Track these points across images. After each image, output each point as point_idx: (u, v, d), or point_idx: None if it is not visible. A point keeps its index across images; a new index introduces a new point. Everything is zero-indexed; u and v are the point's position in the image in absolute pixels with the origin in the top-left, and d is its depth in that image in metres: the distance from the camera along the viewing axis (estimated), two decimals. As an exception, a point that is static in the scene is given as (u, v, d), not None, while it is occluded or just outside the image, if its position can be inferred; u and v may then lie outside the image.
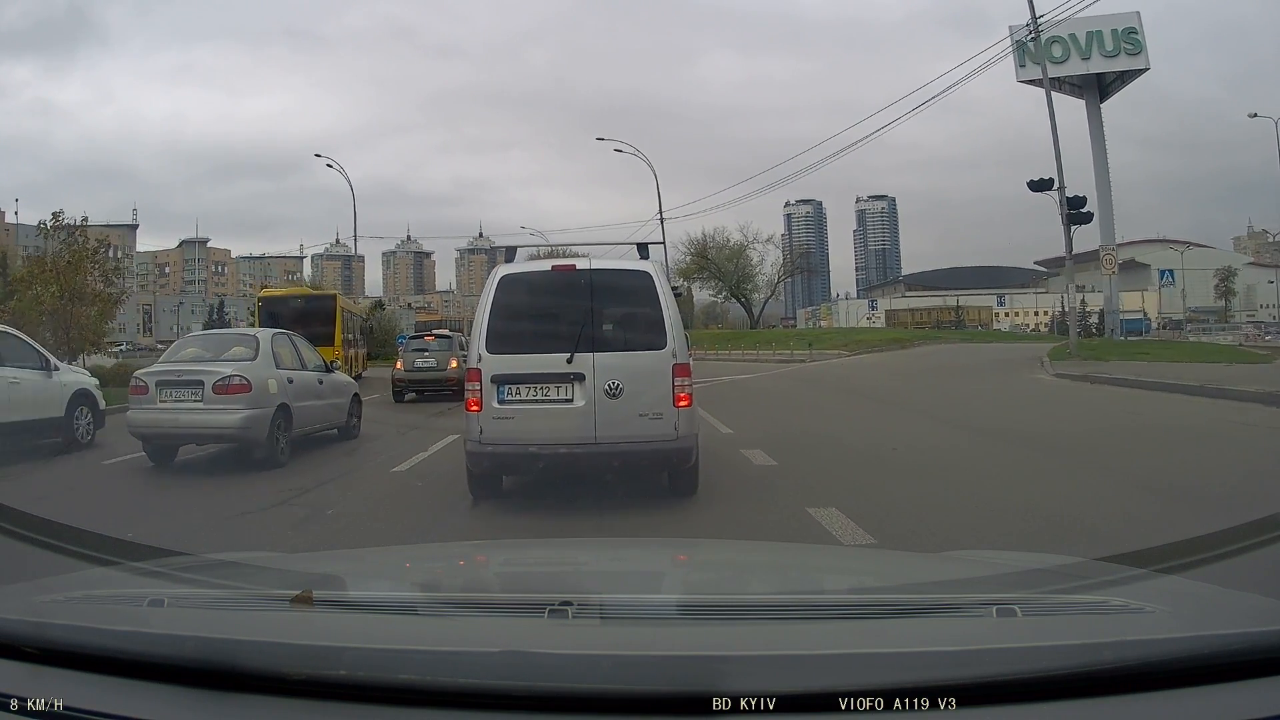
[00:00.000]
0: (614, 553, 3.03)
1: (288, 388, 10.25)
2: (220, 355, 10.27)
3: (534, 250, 32.07)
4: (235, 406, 9.37)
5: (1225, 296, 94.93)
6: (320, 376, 11.57)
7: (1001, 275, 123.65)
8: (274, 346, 10.60)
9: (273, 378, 10.08)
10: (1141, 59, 46.13)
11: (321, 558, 3.34)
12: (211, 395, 9.39)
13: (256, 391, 9.59)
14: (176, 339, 14.45)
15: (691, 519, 6.45)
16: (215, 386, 9.40)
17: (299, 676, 1.34)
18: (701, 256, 72.05)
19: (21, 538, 2.83)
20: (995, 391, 18.62)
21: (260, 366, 10.00)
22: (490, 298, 6.81)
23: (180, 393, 9.55)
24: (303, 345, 11.95)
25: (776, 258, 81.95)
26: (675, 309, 6.85)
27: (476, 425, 6.63)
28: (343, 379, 12.93)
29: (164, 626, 1.67)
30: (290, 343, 11.46)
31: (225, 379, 9.46)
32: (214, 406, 9.36)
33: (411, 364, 19.89)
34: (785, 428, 12.60)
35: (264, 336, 10.87)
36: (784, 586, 2.36)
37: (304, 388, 10.78)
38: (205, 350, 10.64)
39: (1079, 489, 7.26)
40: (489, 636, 1.63)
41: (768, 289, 79.98)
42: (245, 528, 6.78)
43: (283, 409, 9.93)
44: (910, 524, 6.09)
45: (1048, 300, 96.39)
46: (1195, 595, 1.86)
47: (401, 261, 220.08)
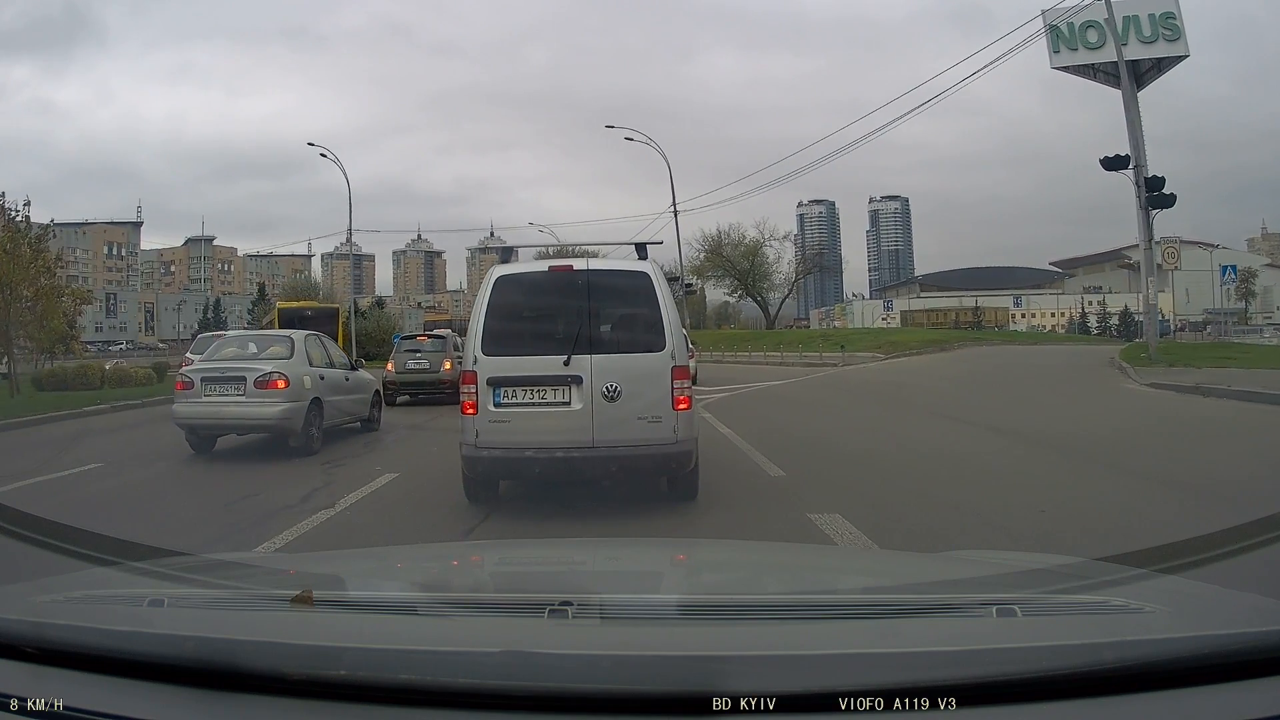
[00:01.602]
0: (613, 553, 3.03)
1: (320, 383, 11.24)
2: (259, 354, 11.40)
3: (544, 249, 31.47)
4: (275, 400, 10.39)
5: (1246, 298, 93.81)
6: (346, 374, 12.54)
7: (1016, 276, 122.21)
8: (307, 347, 11.59)
9: (307, 374, 11.04)
10: (1180, 45, 44.26)
11: (321, 558, 3.35)
12: (253, 390, 10.41)
13: (294, 386, 10.58)
14: (177, 338, 15.02)
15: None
16: (257, 382, 10.42)
17: (299, 676, 1.34)
18: (716, 253, 70.14)
19: (21, 538, 2.83)
20: (1103, 409, 14.74)
21: (296, 364, 10.97)
22: (485, 299, 6.71)
23: (224, 388, 10.53)
24: (330, 346, 13.04)
25: (793, 256, 79.58)
26: (674, 310, 6.76)
27: (472, 429, 6.54)
28: (366, 377, 13.73)
29: (164, 626, 1.67)
30: (320, 344, 12.46)
31: (266, 375, 10.48)
32: (255, 400, 10.38)
33: (403, 365, 19.16)
34: (868, 473, 8.60)
35: (298, 337, 11.82)
36: (784, 586, 2.36)
37: (333, 384, 11.78)
38: (244, 350, 11.83)
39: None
40: (489, 637, 1.63)
41: (785, 287, 77.29)
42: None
43: (315, 402, 10.93)
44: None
45: (1068, 300, 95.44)
46: (1196, 595, 1.86)
47: (412, 261, 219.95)
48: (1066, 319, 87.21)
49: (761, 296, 74.70)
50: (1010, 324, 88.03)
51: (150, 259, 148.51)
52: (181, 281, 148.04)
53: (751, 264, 71.81)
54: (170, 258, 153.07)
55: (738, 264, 71.35)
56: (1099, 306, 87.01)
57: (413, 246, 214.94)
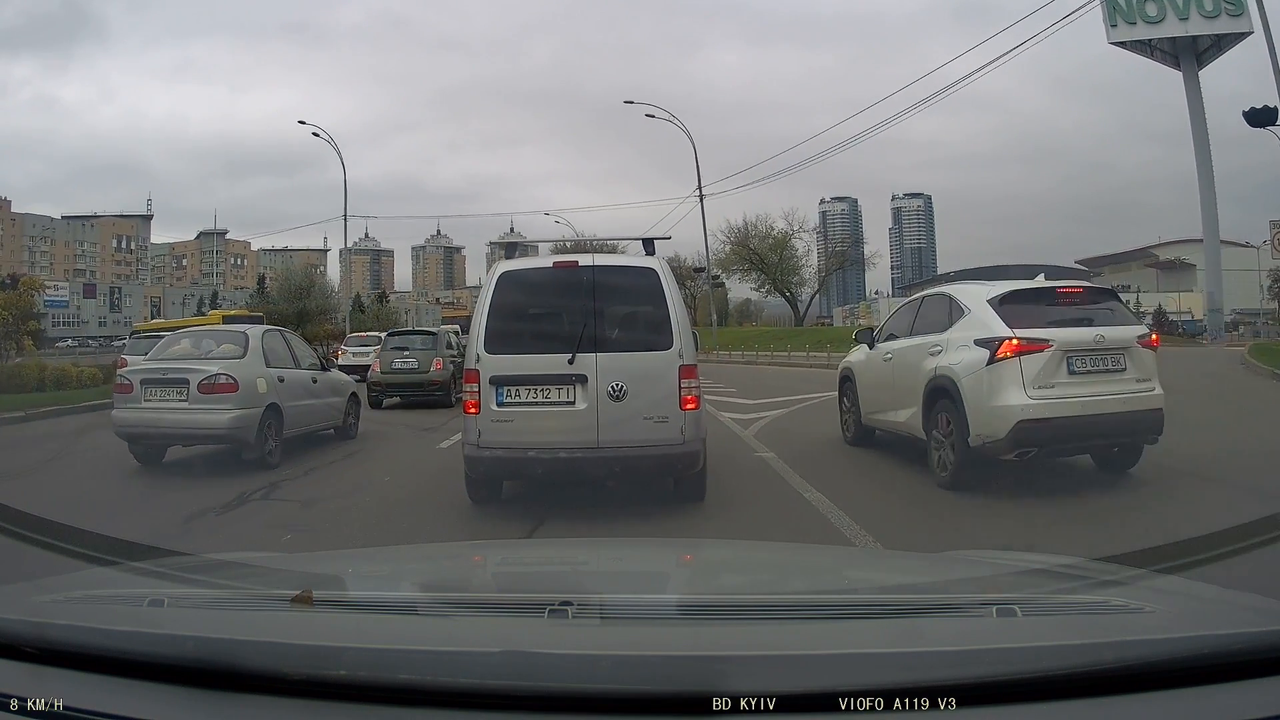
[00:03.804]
0: (614, 552, 3.04)
1: (279, 386, 9.84)
2: (209, 353, 9.89)
3: (560, 242, 29.52)
4: (222, 406, 9.03)
5: (1278, 298, 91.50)
6: (315, 375, 11.09)
7: (1042, 274, 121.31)
8: (264, 343, 10.16)
9: (262, 376, 9.65)
10: (1244, 21, 39.73)
11: (321, 558, 3.34)
12: (197, 394, 9.03)
13: (244, 390, 9.23)
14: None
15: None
16: (201, 385, 9.05)
17: (299, 676, 1.34)
18: (742, 245, 65.77)
19: (21, 537, 2.83)
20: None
21: (249, 364, 9.61)
22: (489, 296, 6.58)
23: (166, 392, 9.19)
24: (296, 342, 11.48)
25: (817, 251, 75.32)
26: (682, 307, 6.64)
27: (475, 428, 6.43)
28: (340, 378, 12.39)
29: (164, 626, 1.67)
30: (283, 339, 11.02)
31: (211, 377, 9.11)
32: (200, 406, 9.02)
33: (390, 364, 17.67)
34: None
35: (254, 333, 10.33)
36: (784, 586, 2.36)
37: (296, 386, 10.36)
38: (194, 347, 10.22)
39: None
40: (489, 637, 1.63)
41: (815, 282, 72.84)
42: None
43: (273, 409, 9.57)
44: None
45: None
46: (1195, 595, 1.86)
47: (431, 257, 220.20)
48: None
49: (790, 292, 70.37)
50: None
51: (161, 252, 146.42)
52: (193, 276, 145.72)
53: (780, 257, 67.28)
54: (182, 251, 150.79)
55: (766, 257, 66.83)
56: (1134, 306, 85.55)
57: (432, 242, 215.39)
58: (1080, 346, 7.02)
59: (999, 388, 6.88)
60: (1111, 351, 7.12)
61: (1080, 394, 6.92)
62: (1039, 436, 6.84)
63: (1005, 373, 6.88)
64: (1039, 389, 6.84)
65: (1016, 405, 6.79)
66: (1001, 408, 6.84)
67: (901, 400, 8.33)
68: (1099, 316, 7.44)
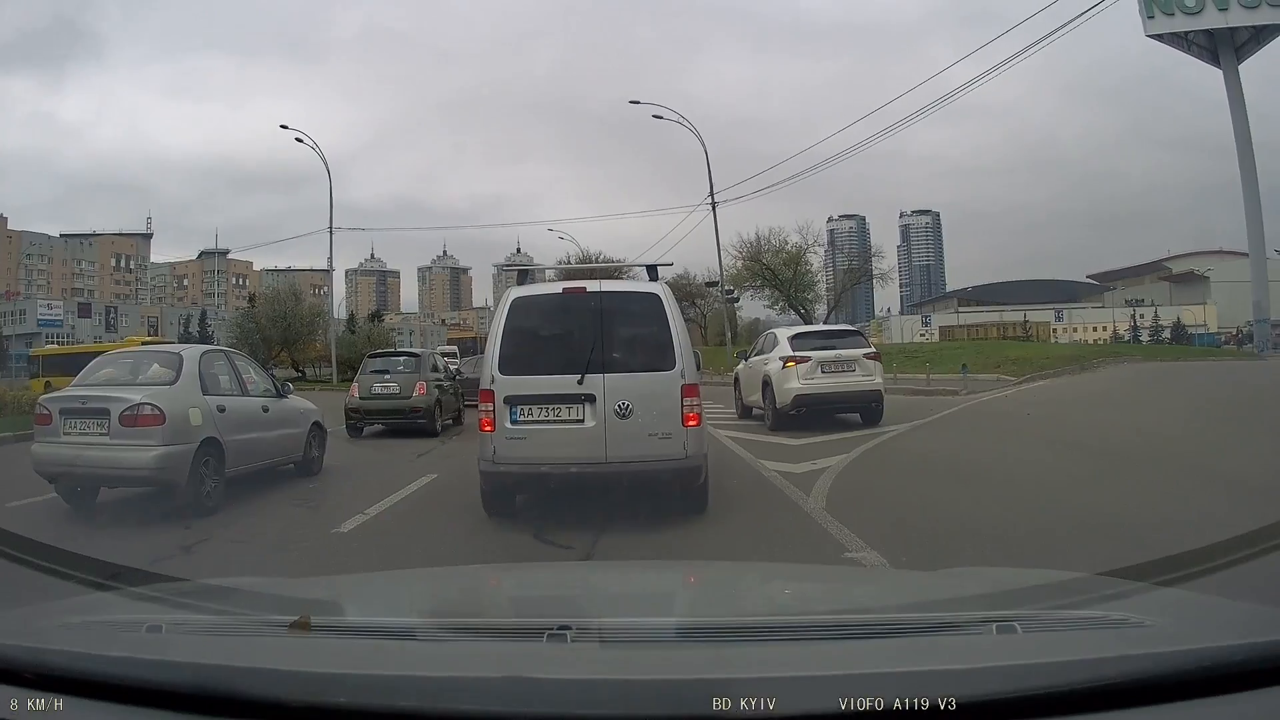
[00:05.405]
0: (611, 575, 3.03)
1: (217, 417, 8.30)
2: (136, 378, 8.41)
3: (565, 259, 29.41)
4: (146, 442, 7.57)
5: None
6: (266, 403, 9.52)
7: (1052, 289, 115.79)
8: (202, 367, 8.59)
9: (196, 406, 8.14)
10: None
11: (318, 583, 3.31)
12: (119, 427, 7.58)
13: (172, 423, 7.72)
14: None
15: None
16: (122, 417, 7.59)
17: (298, 704, 1.33)
18: (755, 260, 62.41)
19: (20, 561, 2.82)
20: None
21: (180, 392, 8.10)
22: (502, 320, 6.94)
23: (86, 424, 7.75)
24: (247, 365, 9.95)
25: (826, 268, 71.47)
26: (684, 330, 6.98)
27: (490, 446, 6.73)
28: (299, 405, 10.56)
29: (162, 653, 1.67)
30: (228, 362, 9.44)
31: (134, 408, 7.63)
32: (121, 442, 7.57)
33: (369, 389, 15.91)
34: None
35: (190, 355, 8.75)
36: (782, 607, 2.36)
37: (241, 417, 8.79)
38: (121, 371, 8.67)
39: None
40: (488, 662, 1.62)
41: (830, 298, 69.00)
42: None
43: (210, 444, 8.06)
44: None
45: (1108, 314, 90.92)
46: (1196, 607, 1.86)
47: (437, 278, 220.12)
48: (1110, 332, 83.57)
49: (806, 308, 66.50)
50: (1052, 338, 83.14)
51: (162, 272, 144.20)
52: (194, 296, 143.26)
53: (795, 272, 63.60)
54: (183, 271, 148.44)
55: (780, 273, 63.08)
56: (1151, 319, 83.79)
57: (438, 263, 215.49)
58: (827, 359, 14.12)
59: (786, 380, 13.90)
60: (846, 361, 14.17)
61: (828, 382, 13.94)
62: (805, 402, 13.83)
63: (790, 373, 13.94)
64: (805, 380, 13.85)
65: (794, 388, 13.83)
66: (788, 389, 13.84)
67: (755, 389, 15.22)
68: (843, 343, 14.77)
